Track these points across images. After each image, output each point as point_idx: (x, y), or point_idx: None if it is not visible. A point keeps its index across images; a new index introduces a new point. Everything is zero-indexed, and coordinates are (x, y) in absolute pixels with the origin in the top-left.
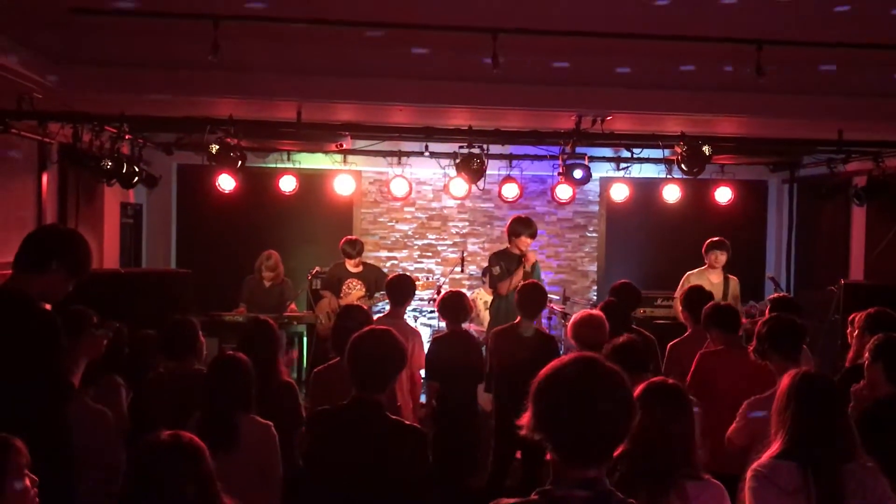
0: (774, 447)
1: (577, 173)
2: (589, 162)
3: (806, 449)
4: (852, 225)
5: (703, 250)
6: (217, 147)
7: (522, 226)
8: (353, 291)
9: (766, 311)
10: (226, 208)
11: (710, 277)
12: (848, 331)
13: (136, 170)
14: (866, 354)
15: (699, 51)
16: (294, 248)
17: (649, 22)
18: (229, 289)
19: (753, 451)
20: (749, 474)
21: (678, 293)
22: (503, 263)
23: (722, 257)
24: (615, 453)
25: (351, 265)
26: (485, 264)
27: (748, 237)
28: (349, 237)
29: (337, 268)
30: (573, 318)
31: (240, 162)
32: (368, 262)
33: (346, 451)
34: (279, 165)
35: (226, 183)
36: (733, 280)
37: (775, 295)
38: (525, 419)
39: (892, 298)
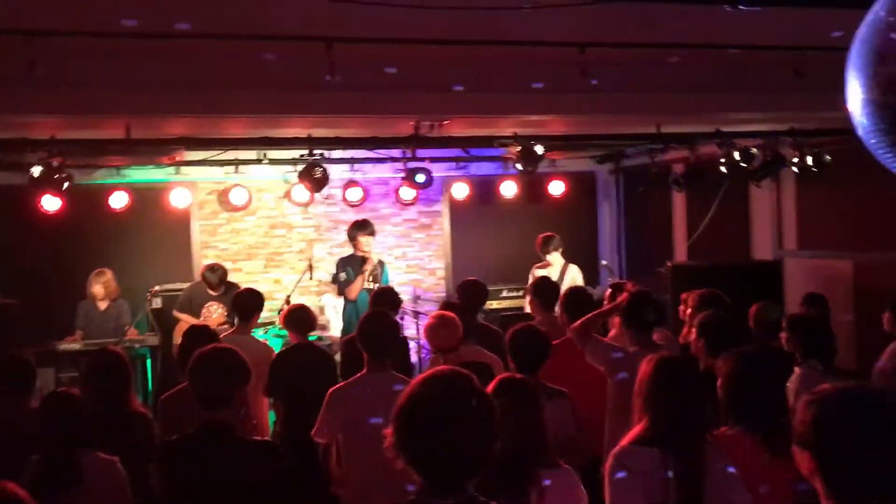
0: (636, 431)
1: (420, 178)
2: (430, 162)
3: (667, 433)
4: (674, 210)
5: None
6: (41, 169)
7: (358, 227)
8: (215, 315)
9: (606, 296)
10: (53, 230)
11: (549, 270)
12: (680, 308)
13: None
14: (693, 331)
15: (526, 55)
16: (130, 267)
17: (477, 29)
18: (63, 316)
19: (615, 425)
20: (609, 458)
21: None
22: (349, 268)
23: (548, 256)
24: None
25: (212, 289)
26: (333, 270)
27: (582, 226)
28: (209, 263)
29: (194, 289)
30: (427, 320)
31: (66, 183)
32: (230, 281)
33: (200, 480)
34: (108, 181)
35: (50, 204)
36: (572, 268)
37: (614, 281)
38: (388, 441)
39: (712, 276)
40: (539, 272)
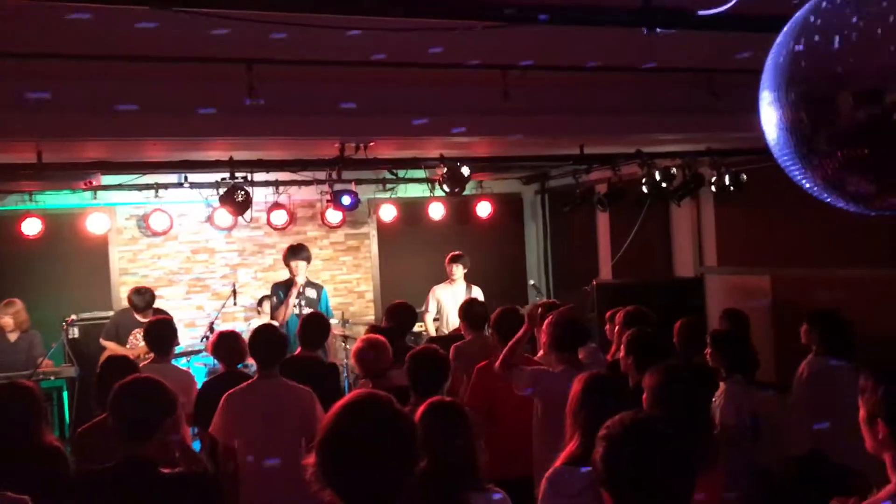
0: (568, 450)
1: (346, 200)
2: (357, 185)
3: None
4: (598, 229)
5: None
6: None
7: (290, 253)
8: (142, 343)
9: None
10: None
11: (453, 288)
12: (607, 327)
13: None
14: (622, 348)
15: (449, 77)
16: (45, 297)
17: (399, 51)
18: None
19: (543, 444)
20: (543, 481)
21: (425, 307)
22: (280, 293)
23: (456, 269)
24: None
25: (139, 314)
26: (258, 294)
27: (509, 247)
28: (136, 286)
29: (121, 315)
30: (356, 343)
31: None
32: (158, 308)
33: None
34: (20, 207)
35: None
36: (475, 289)
37: (542, 300)
38: (310, 471)
39: (637, 293)
40: (439, 291)
